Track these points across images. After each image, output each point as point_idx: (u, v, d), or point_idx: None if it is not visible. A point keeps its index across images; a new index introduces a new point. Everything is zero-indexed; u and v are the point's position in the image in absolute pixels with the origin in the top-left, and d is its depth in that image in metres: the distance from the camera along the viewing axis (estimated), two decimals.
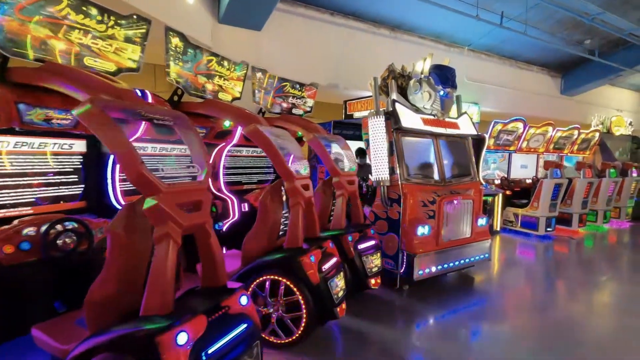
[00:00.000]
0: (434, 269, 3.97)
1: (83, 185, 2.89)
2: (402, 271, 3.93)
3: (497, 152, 8.17)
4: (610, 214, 8.78)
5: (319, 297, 2.66)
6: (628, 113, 11.99)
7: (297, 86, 4.34)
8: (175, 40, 2.77)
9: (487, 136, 7.66)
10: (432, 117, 4.36)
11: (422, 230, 3.89)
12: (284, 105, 4.28)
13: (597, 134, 9.72)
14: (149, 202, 1.59)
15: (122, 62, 2.44)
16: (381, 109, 4.08)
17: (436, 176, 4.32)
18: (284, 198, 2.95)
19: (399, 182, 3.95)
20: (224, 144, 4.00)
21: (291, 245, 2.76)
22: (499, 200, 7.31)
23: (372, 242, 3.63)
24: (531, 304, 3.99)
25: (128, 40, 2.40)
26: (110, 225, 1.72)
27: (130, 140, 2.61)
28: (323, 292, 2.66)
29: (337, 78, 6.20)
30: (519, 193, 8.05)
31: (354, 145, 5.27)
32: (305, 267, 2.63)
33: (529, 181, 8.64)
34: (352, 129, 5.62)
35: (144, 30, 2.46)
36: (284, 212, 2.99)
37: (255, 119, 2.92)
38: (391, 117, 4.05)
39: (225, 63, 3.34)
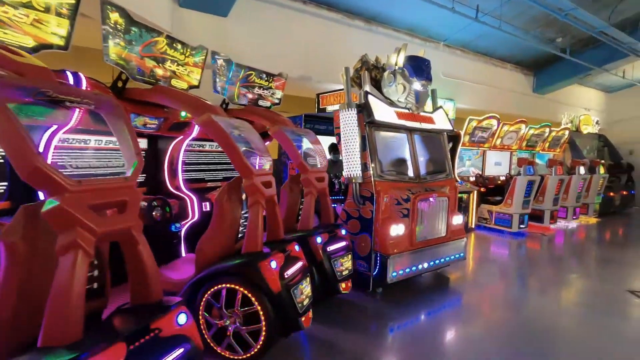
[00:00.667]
0: (408, 270, 3.78)
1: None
2: (375, 273, 3.72)
3: (472, 149, 8.15)
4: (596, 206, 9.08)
5: (281, 306, 2.38)
6: (595, 112, 12.36)
7: (264, 76, 4.03)
8: (115, 16, 2.40)
9: (462, 133, 7.64)
10: (406, 110, 4.16)
11: (396, 229, 3.68)
12: (250, 96, 3.96)
13: (567, 132, 9.92)
14: (50, 204, 1.29)
15: (43, 37, 2.05)
16: (353, 102, 3.84)
17: (410, 173, 4.13)
18: (244, 197, 2.65)
19: (372, 179, 3.73)
20: (181, 137, 3.64)
21: (250, 249, 2.47)
22: (474, 197, 7.27)
23: (342, 244, 3.38)
24: (506, 304, 3.87)
25: (49, 10, 2.02)
26: (4, 232, 1.40)
27: (62, 130, 2.30)
28: (285, 301, 2.39)
29: (309, 70, 5.92)
30: (493, 190, 8.07)
31: (328, 140, 5.02)
32: (265, 273, 2.35)
33: (502, 178, 8.68)
34: (325, 123, 5.35)
35: (72, 1, 2.09)
36: (243, 212, 2.69)
37: (211, 109, 2.59)
38: (363, 110, 3.82)
39: (179, 46, 2.99)
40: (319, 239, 3.19)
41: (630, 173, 11.54)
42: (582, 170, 8.63)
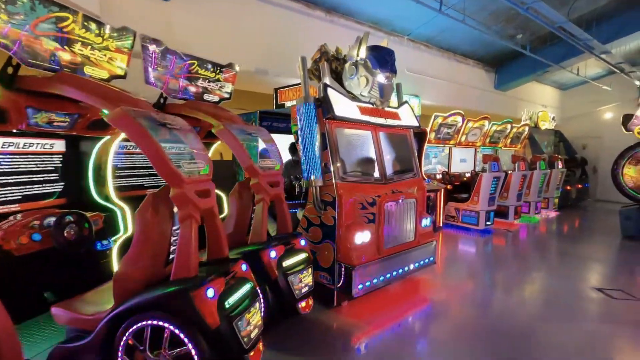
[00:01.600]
0: (376, 281, 3.43)
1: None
2: (339, 286, 3.34)
3: (438, 146, 8.03)
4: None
5: (221, 344, 1.93)
6: (551, 109, 12.79)
7: (210, 67, 3.53)
8: None
9: (428, 130, 7.48)
10: (370, 105, 3.81)
11: (361, 236, 3.32)
12: (193, 89, 3.44)
13: (527, 128, 10.12)
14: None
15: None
16: (311, 96, 3.43)
17: (376, 173, 3.79)
18: (175, 209, 2.16)
19: (333, 182, 3.34)
20: (107, 137, 3.07)
21: (180, 274, 1.99)
22: (441, 195, 7.13)
23: (301, 256, 2.97)
24: (478, 309, 3.63)
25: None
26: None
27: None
28: (226, 337, 1.93)
29: (266, 63, 5.45)
30: (460, 187, 8.00)
31: (288, 139, 4.59)
32: (199, 305, 1.88)
33: (468, 175, 8.67)
34: (284, 120, 4.91)
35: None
36: (174, 228, 2.20)
37: (127, 101, 2.09)
38: (322, 105, 3.42)
39: (93, 26, 2.44)
40: (273, 253, 2.76)
41: (584, 167, 12.05)
42: (542, 165, 8.77)
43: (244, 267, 2.38)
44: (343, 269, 3.28)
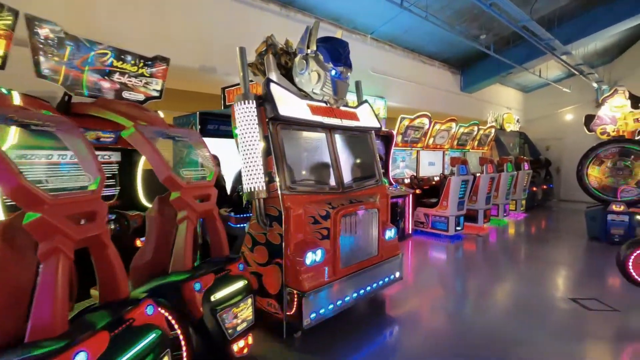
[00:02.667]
0: (332, 307, 2.95)
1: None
2: (289, 315, 2.83)
3: (406, 149, 7.73)
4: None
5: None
6: (515, 111, 12.96)
7: (130, 59, 2.95)
8: None
9: (395, 132, 7.16)
10: (323, 104, 3.36)
11: (313, 256, 2.84)
12: (106, 85, 2.85)
13: (493, 130, 10.09)
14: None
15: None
16: (252, 93, 2.93)
17: (332, 182, 3.33)
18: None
19: (279, 193, 2.85)
20: None
21: (36, 335, 1.41)
22: (410, 201, 6.80)
23: (238, 285, 2.44)
24: (447, 326, 3.23)
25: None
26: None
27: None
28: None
29: (213, 60, 4.90)
30: (429, 191, 7.73)
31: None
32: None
33: (437, 178, 8.44)
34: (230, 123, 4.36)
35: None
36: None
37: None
38: (265, 103, 2.93)
39: None
40: (197, 285, 2.21)
41: (548, 168, 12.24)
42: (509, 167, 8.69)
43: (149, 309, 1.83)
44: (292, 296, 2.78)
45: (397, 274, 3.78)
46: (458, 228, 6.92)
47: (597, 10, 7.30)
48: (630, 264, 3.61)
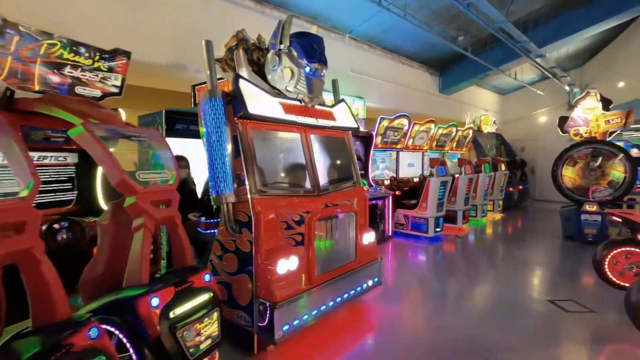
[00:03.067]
0: (307, 317, 2.78)
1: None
2: (260, 328, 2.64)
3: (385, 150, 7.66)
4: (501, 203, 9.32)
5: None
6: (492, 112, 13.19)
7: (84, 51, 2.70)
8: None
9: (374, 133, 7.07)
10: (297, 103, 3.19)
11: (286, 264, 2.66)
12: (56, 79, 2.59)
13: (471, 132, 10.19)
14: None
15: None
16: (219, 90, 2.73)
17: (307, 184, 3.16)
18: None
19: (249, 197, 2.65)
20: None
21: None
22: (389, 202, 6.72)
23: (202, 298, 2.23)
24: (427, 330, 3.12)
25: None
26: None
27: None
28: None
29: (184, 56, 4.65)
30: (408, 193, 7.69)
31: None
32: None
33: (417, 179, 8.41)
34: None
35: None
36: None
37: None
38: (233, 101, 2.73)
39: None
40: (154, 301, 2.00)
41: (523, 169, 12.50)
42: (487, 168, 8.79)
43: (92, 332, 1.61)
44: (264, 307, 2.59)
45: (376, 279, 3.65)
46: (437, 229, 6.89)
47: (570, 14, 7.46)
48: (606, 264, 3.61)
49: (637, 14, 7.57)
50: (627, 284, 3.56)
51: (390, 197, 6.72)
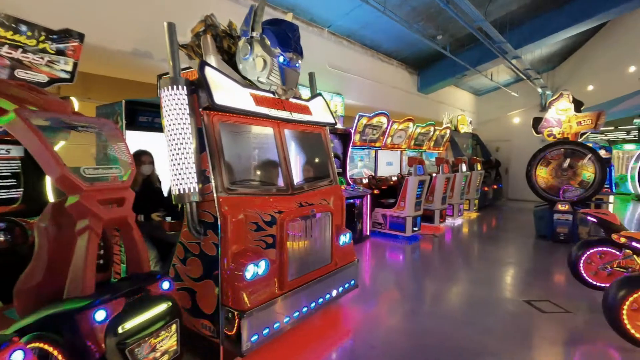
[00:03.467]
0: (277, 325, 2.59)
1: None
2: (227, 336, 2.42)
3: (364, 148, 7.55)
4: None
5: None
6: (469, 113, 13.38)
7: (26, 29, 2.38)
8: None
9: (352, 131, 6.94)
10: (270, 95, 2.98)
11: (255, 269, 2.45)
12: None
13: (448, 131, 10.26)
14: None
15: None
16: (182, 78, 2.49)
17: (280, 182, 2.96)
18: None
19: (215, 196, 2.43)
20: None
21: None
22: (367, 201, 6.60)
23: (158, 310, 1.99)
24: (403, 334, 3.00)
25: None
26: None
27: None
28: None
29: (150, 44, 4.33)
30: (387, 191, 7.62)
31: None
32: None
33: (395, 178, 8.36)
34: None
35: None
36: None
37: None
38: (198, 90, 2.49)
39: None
40: (100, 314, 1.75)
41: (497, 168, 12.76)
42: (463, 167, 8.86)
43: (16, 356, 1.35)
44: (230, 316, 2.37)
45: (353, 282, 3.50)
46: (415, 229, 6.84)
47: (545, 16, 7.59)
48: (581, 264, 3.61)
49: (606, 19, 7.80)
50: (601, 284, 3.58)
51: (368, 196, 6.61)
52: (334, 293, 3.21)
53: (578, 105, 6.91)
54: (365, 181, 7.49)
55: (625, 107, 10.61)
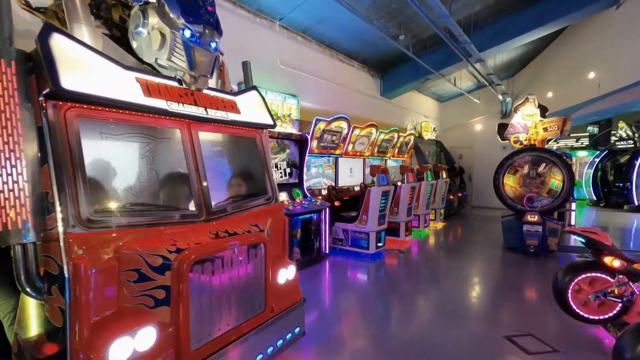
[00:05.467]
0: None
1: None
2: None
3: (322, 156, 6.83)
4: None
5: None
6: (432, 119, 13.14)
7: None
8: None
9: (309, 136, 6.20)
10: (174, 84, 2.15)
11: (131, 345, 1.59)
12: None
13: (412, 138, 9.83)
14: None
15: None
16: (10, 48, 1.60)
17: (190, 205, 2.13)
18: None
19: (60, 232, 1.55)
20: None
21: None
22: (326, 215, 5.86)
23: None
24: None
25: None
26: None
27: None
28: None
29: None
30: (349, 203, 6.93)
31: None
32: None
33: (357, 188, 7.71)
34: None
35: None
36: None
37: None
38: (37, 67, 1.62)
39: None
40: None
41: (462, 176, 12.57)
42: (429, 176, 8.40)
43: None
44: None
45: (298, 330, 2.70)
46: (379, 244, 6.19)
47: (508, 19, 7.34)
48: (569, 294, 3.04)
49: (568, 23, 7.69)
50: (591, 316, 3.03)
51: (327, 209, 5.87)
52: (270, 350, 2.39)
53: (543, 111, 6.64)
54: (324, 192, 6.75)
55: (584, 113, 10.70)
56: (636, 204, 11.76)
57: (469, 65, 7.87)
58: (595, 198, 13.64)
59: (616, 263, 2.85)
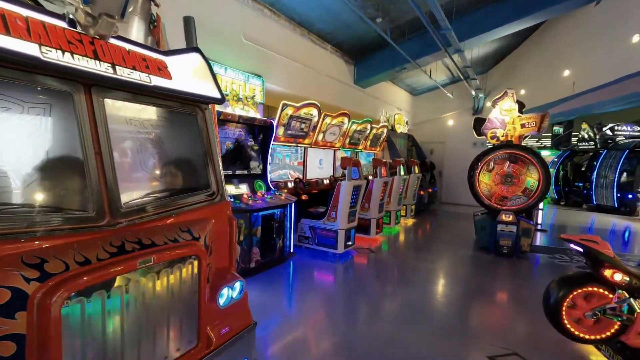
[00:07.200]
0: None
1: None
2: None
3: (290, 145, 6.22)
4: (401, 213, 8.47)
5: None
6: (405, 112, 12.83)
7: None
8: None
9: (275, 122, 5.56)
10: (61, 23, 1.45)
11: None
12: None
13: (385, 130, 9.43)
14: None
15: None
16: None
17: (84, 203, 1.46)
18: None
19: None
20: None
21: None
22: (292, 211, 5.28)
23: None
24: None
25: None
26: None
27: None
28: None
29: None
30: (318, 196, 6.40)
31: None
32: None
33: (327, 182, 7.19)
34: None
35: None
36: None
37: None
38: None
39: None
40: None
41: (432, 171, 12.40)
42: (401, 170, 8.02)
43: None
44: None
45: None
46: (349, 243, 5.72)
47: (487, 9, 7.03)
48: (564, 312, 2.66)
49: (549, 16, 7.48)
50: (586, 336, 2.67)
51: (293, 204, 5.28)
52: None
53: (521, 107, 6.39)
54: (290, 185, 6.15)
55: (559, 111, 10.73)
56: (595, 203, 12.13)
57: (447, 55, 7.49)
58: (556, 196, 14.02)
59: (617, 277, 2.50)
